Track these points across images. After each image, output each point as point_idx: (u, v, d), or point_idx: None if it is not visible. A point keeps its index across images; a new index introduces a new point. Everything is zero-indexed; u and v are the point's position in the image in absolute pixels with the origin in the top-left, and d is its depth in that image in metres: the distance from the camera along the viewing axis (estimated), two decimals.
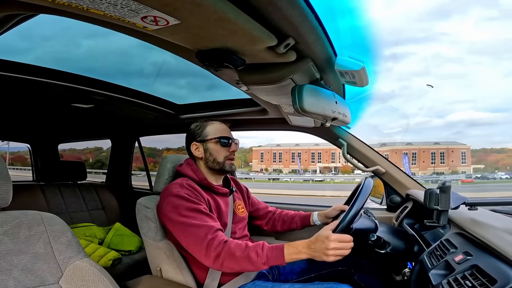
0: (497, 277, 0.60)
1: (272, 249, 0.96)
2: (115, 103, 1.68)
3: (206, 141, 1.24)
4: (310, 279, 1.27)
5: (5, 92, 1.48)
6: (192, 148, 1.26)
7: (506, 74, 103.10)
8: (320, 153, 45.28)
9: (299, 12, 0.68)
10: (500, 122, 65.96)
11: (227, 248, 0.98)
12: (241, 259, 0.96)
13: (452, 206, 0.94)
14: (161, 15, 0.62)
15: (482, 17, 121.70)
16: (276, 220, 1.47)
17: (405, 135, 60.78)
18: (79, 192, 2.36)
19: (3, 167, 0.83)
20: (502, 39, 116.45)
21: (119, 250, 1.96)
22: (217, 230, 1.03)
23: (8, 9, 0.72)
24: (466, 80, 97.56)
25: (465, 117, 72.44)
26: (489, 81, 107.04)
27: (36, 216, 0.88)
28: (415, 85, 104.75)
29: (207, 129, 1.26)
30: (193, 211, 1.06)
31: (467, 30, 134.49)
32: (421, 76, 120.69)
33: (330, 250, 0.90)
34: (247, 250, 0.96)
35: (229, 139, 1.25)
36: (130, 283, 1.14)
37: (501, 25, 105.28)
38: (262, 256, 0.95)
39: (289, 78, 0.98)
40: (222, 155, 1.24)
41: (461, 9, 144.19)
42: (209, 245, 0.99)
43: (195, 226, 1.03)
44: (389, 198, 1.64)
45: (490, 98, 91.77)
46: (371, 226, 1.10)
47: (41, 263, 0.83)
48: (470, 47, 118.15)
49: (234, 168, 1.28)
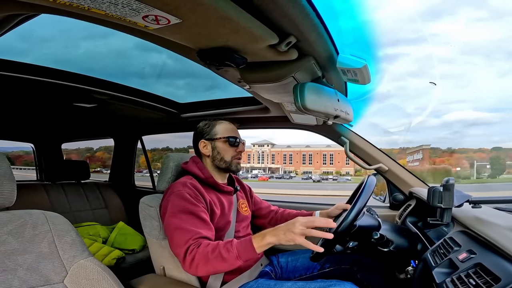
0: (501, 275, 0.59)
1: (241, 243, 0.95)
2: (118, 102, 1.69)
3: (215, 140, 1.25)
4: (313, 277, 1.27)
5: (8, 92, 1.48)
6: (200, 145, 1.26)
7: (502, 74, 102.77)
8: (332, 155, 44.83)
9: (300, 10, 0.68)
10: (497, 122, 65.60)
11: (200, 251, 0.96)
12: (214, 259, 0.95)
13: (455, 204, 0.93)
14: (162, 14, 0.61)
15: (472, 18, 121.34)
16: (279, 220, 1.46)
17: (406, 134, 60.87)
18: (83, 191, 2.37)
19: (7, 167, 0.84)
20: (495, 40, 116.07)
21: (123, 249, 1.97)
22: (201, 238, 1.01)
23: (9, 9, 0.72)
24: (461, 80, 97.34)
25: (462, 117, 72.28)
26: (485, 81, 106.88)
27: (40, 215, 0.89)
28: (410, 85, 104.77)
29: (216, 128, 1.27)
30: (188, 213, 1.06)
31: (459, 31, 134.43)
32: (416, 76, 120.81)
33: (296, 229, 0.88)
34: (218, 248, 0.95)
35: (237, 139, 1.26)
36: (134, 282, 1.15)
37: (492, 26, 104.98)
38: (232, 251, 0.93)
39: (291, 76, 0.98)
40: (230, 154, 1.24)
41: (451, 10, 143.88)
42: (187, 250, 0.98)
43: (182, 229, 1.02)
44: (392, 196, 1.64)
45: (487, 98, 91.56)
46: (374, 224, 1.10)
47: (45, 262, 0.84)
48: (462, 48, 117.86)
49: (240, 168, 1.29)
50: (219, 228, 1.17)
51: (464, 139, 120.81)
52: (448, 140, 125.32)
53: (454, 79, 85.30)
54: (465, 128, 70.01)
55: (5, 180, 0.82)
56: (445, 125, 69.99)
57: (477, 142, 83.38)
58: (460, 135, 77.48)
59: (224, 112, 1.82)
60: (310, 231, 0.87)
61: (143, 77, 1.75)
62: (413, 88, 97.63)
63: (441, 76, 64.84)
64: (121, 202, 2.49)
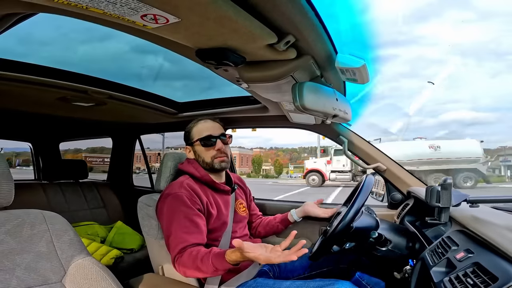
0: (499, 274, 0.59)
1: (215, 256, 0.97)
2: (116, 101, 1.68)
3: (193, 144, 1.25)
4: (311, 276, 1.27)
5: (6, 91, 1.48)
6: (186, 151, 1.28)
7: (493, 75, 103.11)
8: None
9: (299, 9, 0.68)
10: (494, 122, 65.75)
11: (183, 260, 1.02)
12: (195, 270, 1.00)
13: (453, 203, 0.94)
14: (160, 13, 0.61)
15: (459, 19, 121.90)
16: (259, 225, 1.50)
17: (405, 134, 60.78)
18: (81, 191, 2.37)
19: (5, 166, 0.83)
20: (483, 41, 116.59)
21: (121, 248, 1.97)
22: (190, 246, 1.04)
23: (7, 8, 0.72)
24: (454, 81, 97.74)
25: (458, 116, 72.50)
26: (478, 82, 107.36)
27: (38, 215, 0.89)
28: (403, 86, 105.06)
29: (193, 131, 1.26)
30: (182, 217, 1.09)
31: (447, 32, 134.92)
32: (408, 77, 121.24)
33: (276, 257, 0.88)
34: (196, 262, 0.99)
35: (212, 138, 1.22)
36: (132, 281, 1.15)
37: (479, 28, 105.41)
38: (208, 265, 0.97)
39: (290, 76, 0.98)
40: (208, 155, 1.22)
41: (437, 12, 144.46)
42: (175, 256, 1.04)
43: (175, 235, 1.06)
44: (390, 196, 1.64)
45: (482, 98, 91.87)
46: (372, 224, 1.10)
47: (44, 262, 0.84)
48: (451, 49, 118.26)
49: (225, 165, 1.25)
50: (215, 229, 1.17)
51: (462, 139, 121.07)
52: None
53: (446, 80, 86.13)
54: (462, 127, 70.38)
55: (3, 179, 0.82)
56: (442, 124, 70.33)
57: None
58: (457, 134, 77.73)
59: (222, 111, 1.81)
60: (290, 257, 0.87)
61: (141, 79, 1.75)
62: (406, 89, 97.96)
63: (432, 77, 63.92)
64: (119, 202, 2.49)
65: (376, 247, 1.10)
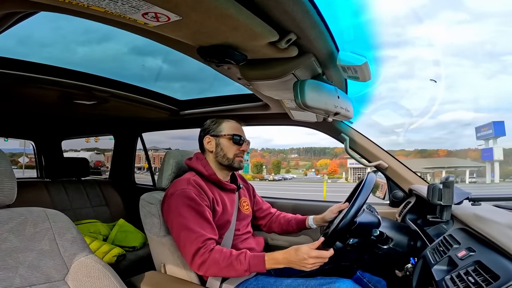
0: (500, 273, 0.59)
1: (253, 257, 1.03)
2: (118, 99, 1.68)
3: (220, 136, 1.26)
4: (312, 274, 1.27)
5: (9, 89, 1.48)
6: (204, 141, 1.28)
7: (489, 76, 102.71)
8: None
9: (300, 7, 0.67)
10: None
11: (212, 257, 1.03)
12: (225, 268, 1.02)
13: (455, 201, 0.93)
14: (162, 11, 0.61)
15: (453, 20, 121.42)
16: (273, 222, 1.49)
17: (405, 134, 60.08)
18: (83, 189, 2.37)
19: (7, 165, 0.84)
20: (478, 42, 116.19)
21: (123, 246, 1.98)
22: (208, 239, 1.06)
23: (8, 7, 0.72)
24: (450, 81, 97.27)
25: (457, 117, 72.36)
26: (474, 83, 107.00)
27: (41, 213, 0.89)
28: (401, 86, 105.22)
29: (222, 125, 1.28)
30: (194, 213, 1.09)
31: (442, 34, 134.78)
32: (406, 78, 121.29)
33: (308, 265, 0.98)
34: (231, 259, 1.02)
35: (242, 138, 1.28)
36: (135, 279, 1.15)
37: (474, 29, 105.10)
38: (244, 263, 1.02)
39: (291, 73, 0.97)
40: (233, 152, 1.26)
41: (431, 13, 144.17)
42: (196, 252, 1.04)
43: (189, 230, 1.06)
44: (392, 193, 1.64)
45: (479, 99, 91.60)
46: (374, 222, 1.10)
47: (46, 260, 0.84)
48: (446, 50, 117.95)
49: (242, 166, 1.31)
50: (219, 226, 1.17)
51: (461, 139, 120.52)
52: (444, 140, 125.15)
53: (444, 80, 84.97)
54: (460, 128, 69.86)
55: (5, 177, 0.82)
56: (441, 125, 69.89)
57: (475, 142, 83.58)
58: (456, 135, 77.18)
59: (223, 109, 1.81)
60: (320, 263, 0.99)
61: (140, 80, 1.75)
62: (404, 89, 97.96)
63: (430, 77, 64.40)
64: (121, 199, 2.50)
65: (377, 245, 1.10)
